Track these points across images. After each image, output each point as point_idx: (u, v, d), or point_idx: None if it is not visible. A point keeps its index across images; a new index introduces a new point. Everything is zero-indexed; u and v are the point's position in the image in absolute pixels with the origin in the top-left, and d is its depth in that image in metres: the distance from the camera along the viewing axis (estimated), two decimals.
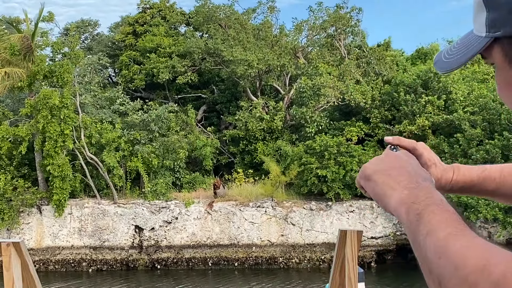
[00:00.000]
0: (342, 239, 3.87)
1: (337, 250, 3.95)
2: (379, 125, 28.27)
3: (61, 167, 24.60)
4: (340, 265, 3.93)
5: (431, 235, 0.99)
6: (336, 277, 3.95)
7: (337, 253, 3.94)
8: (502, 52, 1.12)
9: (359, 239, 3.89)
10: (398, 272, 25.10)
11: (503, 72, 1.14)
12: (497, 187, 1.53)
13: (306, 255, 25.37)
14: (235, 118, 30.43)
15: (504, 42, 1.11)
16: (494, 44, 1.12)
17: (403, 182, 1.15)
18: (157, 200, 25.89)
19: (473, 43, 1.16)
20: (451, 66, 1.20)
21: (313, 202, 25.79)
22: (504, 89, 1.16)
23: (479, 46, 1.14)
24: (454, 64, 1.19)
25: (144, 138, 27.12)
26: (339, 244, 3.91)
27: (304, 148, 26.96)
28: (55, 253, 25.11)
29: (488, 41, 1.12)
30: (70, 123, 25.22)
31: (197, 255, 25.36)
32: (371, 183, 1.22)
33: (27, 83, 25.57)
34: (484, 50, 1.14)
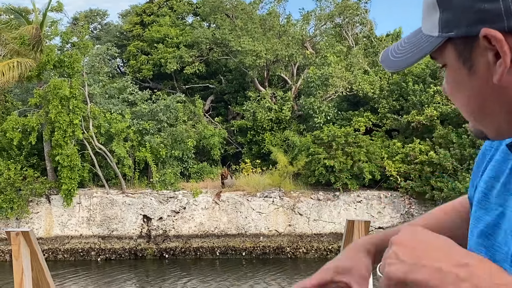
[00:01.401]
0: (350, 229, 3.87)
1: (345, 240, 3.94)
2: (387, 115, 28.17)
3: (70, 157, 24.69)
4: None
5: None
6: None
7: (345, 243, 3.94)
8: (456, 52, 1.10)
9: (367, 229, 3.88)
10: None
11: (456, 73, 1.12)
12: None
13: (313, 245, 25.40)
14: (242, 108, 30.41)
15: (457, 42, 1.09)
16: (447, 44, 1.10)
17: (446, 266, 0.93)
18: (165, 190, 25.97)
19: (424, 43, 1.13)
20: (400, 66, 1.17)
21: (320, 192, 25.79)
22: (455, 90, 1.14)
23: (431, 46, 1.11)
24: (403, 64, 1.16)
25: (152, 128, 27.15)
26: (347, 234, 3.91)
27: (311, 139, 26.93)
28: (64, 242, 25.28)
29: (440, 41, 1.10)
30: (79, 113, 25.28)
31: (204, 244, 25.45)
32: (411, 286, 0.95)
33: (36, 73, 25.63)
34: (435, 51, 1.12)
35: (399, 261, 0.98)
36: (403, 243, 1.00)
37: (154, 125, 27.34)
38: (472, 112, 1.15)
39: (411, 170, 25.50)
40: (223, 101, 34.13)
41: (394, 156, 26.15)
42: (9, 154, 26.15)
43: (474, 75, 1.09)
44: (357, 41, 32.86)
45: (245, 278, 22.21)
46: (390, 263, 0.99)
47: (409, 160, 25.79)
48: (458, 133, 25.24)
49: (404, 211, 25.66)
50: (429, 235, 1.00)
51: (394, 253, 1.00)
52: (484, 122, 1.14)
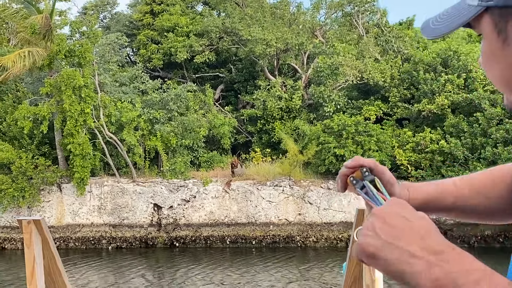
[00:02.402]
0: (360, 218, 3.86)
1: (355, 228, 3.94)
2: (398, 104, 28.06)
3: (82, 146, 24.81)
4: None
5: None
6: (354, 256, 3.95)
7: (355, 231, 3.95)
8: (492, 23, 1.12)
9: None
10: None
11: (490, 43, 1.14)
12: (455, 201, 1.46)
13: (323, 234, 25.43)
14: (253, 97, 30.39)
15: (495, 12, 1.10)
16: (485, 13, 1.12)
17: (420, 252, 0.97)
18: (175, 179, 26.05)
19: (464, 11, 1.16)
20: (439, 32, 1.20)
21: (330, 181, 25.77)
22: (488, 61, 1.16)
23: (470, 14, 1.14)
24: (442, 30, 1.19)
25: (163, 117, 27.20)
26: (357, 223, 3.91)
27: (322, 127, 26.88)
28: (75, 231, 25.47)
29: (479, 10, 1.12)
30: (90, 102, 25.37)
31: (215, 233, 25.55)
32: (380, 262, 1.00)
33: (47, 62, 25.72)
34: (474, 19, 1.14)
35: (375, 235, 1.01)
36: (384, 217, 1.02)
37: (165, 114, 27.39)
38: (506, 84, 1.16)
39: (422, 159, 25.41)
40: (233, 90, 34.11)
41: (404, 145, 26.07)
42: (21, 143, 26.32)
43: (508, 47, 1.11)
44: (368, 29, 32.66)
45: (255, 266, 22.29)
46: (366, 234, 1.02)
47: (420, 149, 25.70)
48: (469, 122, 25.08)
49: None
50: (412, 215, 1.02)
51: (372, 225, 1.03)
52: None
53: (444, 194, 1.47)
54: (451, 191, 1.47)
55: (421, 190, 1.47)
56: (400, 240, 0.99)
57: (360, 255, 1.03)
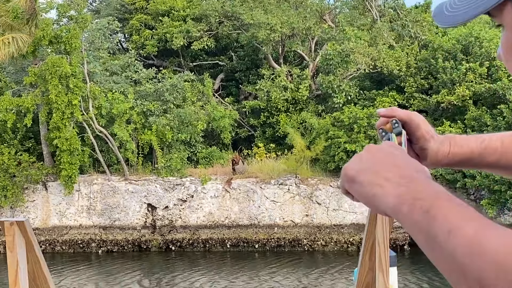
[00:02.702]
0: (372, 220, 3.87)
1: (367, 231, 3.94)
2: (414, 95, 28.01)
3: (69, 141, 24.84)
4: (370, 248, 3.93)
5: (455, 234, 0.94)
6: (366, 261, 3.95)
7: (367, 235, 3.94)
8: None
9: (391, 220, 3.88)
10: None
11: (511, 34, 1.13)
12: (499, 158, 1.50)
13: (332, 237, 25.44)
14: (255, 87, 30.36)
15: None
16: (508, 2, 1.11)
17: (393, 178, 1.08)
18: (171, 177, 26.08)
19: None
20: (456, 21, 1.17)
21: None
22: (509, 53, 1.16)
23: (491, 2, 1.11)
24: (460, 19, 1.16)
25: (157, 109, 27.21)
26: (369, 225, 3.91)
27: (331, 120, 26.86)
28: (62, 233, 25.53)
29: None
30: (78, 92, 25.37)
31: (214, 236, 25.59)
32: (356, 186, 1.14)
33: (31, 50, 25.72)
34: (495, 8, 1.12)
35: (358, 161, 1.16)
36: (372, 150, 1.17)
37: (160, 106, 27.39)
38: None
39: None
40: (234, 80, 34.06)
41: None
42: (3, 138, 26.32)
43: None
44: (383, 13, 32.58)
45: (258, 272, 22.33)
46: (352, 160, 1.18)
47: None
48: (492, 114, 25.03)
49: None
50: (399, 152, 1.17)
51: (360, 154, 1.18)
52: None
53: (487, 152, 1.51)
54: (494, 148, 1.51)
55: (463, 146, 1.52)
56: (379, 166, 1.12)
57: (342, 179, 1.18)
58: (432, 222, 0.98)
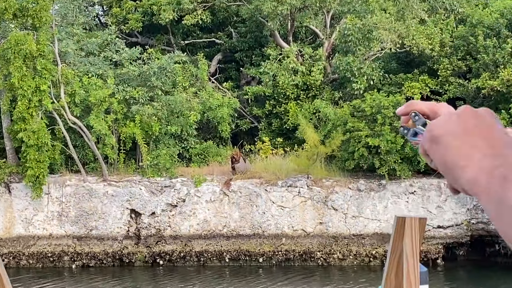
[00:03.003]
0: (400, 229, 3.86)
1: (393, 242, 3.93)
2: (449, 79, 27.93)
3: (37, 134, 24.84)
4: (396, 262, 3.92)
5: None
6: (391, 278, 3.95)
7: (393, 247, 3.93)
8: None
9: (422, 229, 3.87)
10: (473, 272, 25.06)
11: None
12: None
13: (351, 249, 25.43)
14: (259, 70, 30.33)
15: None
16: None
17: (482, 149, 1.16)
18: (158, 177, 26.08)
19: None
20: None
21: (361, 181, 25.74)
22: None
23: None
24: None
25: (143, 96, 27.21)
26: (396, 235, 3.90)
27: (350, 110, 26.80)
28: (28, 244, 25.57)
29: None
30: (47, 76, 25.36)
31: (210, 248, 25.60)
32: (440, 148, 1.21)
33: None
34: None
35: (449, 121, 1.23)
36: (466, 114, 1.24)
37: (145, 92, 27.39)
38: None
39: None
40: (233, 61, 34.03)
41: None
42: None
43: None
44: None
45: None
46: (442, 118, 1.26)
47: None
48: None
49: (471, 205, 25.57)
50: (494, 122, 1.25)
51: (451, 113, 1.26)
52: None
53: None
54: None
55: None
56: (470, 133, 1.19)
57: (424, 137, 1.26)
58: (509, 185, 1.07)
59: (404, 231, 3.89)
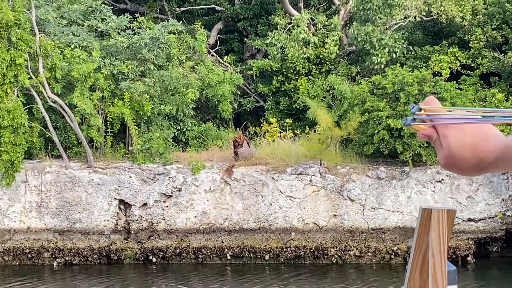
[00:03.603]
0: (425, 223, 3.83)
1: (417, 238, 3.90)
2: (483, 52, 27.86)
3: (12, 114, 24.87)
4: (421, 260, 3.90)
5: None
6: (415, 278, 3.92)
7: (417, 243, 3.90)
8: None
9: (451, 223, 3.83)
10: (507, 270, 25.09)
11: None
12: None
13: (370, 245, 25.46)
14: (265, 42, 30.29)
15: None
16: None
17: None
18: (150, 164, 26.10)
19: None
20: None
21: (381, 168, 25.73)
22: None
23: None
24: None
25: (133, 71, 27.19)
26: (421, 230, 3.87)
27: (369, 87, 26.76)
28: (3, 239, 25.65)
29: None
30: (24, 48, 25.35)
31: (209, 243, 25.66)
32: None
33: None
34: None
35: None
36: None
37: (135, 66, 27.37)
38: None
39: None
40: (236, 31, 33.98)
41: None
42: None
43: None
44: None
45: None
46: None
47: None
48: None
49: (507, 195, 25.55)
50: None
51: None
52: None
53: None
54: None
55: None
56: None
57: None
58: None
59: (431, 225, 3.86)
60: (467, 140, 1.81)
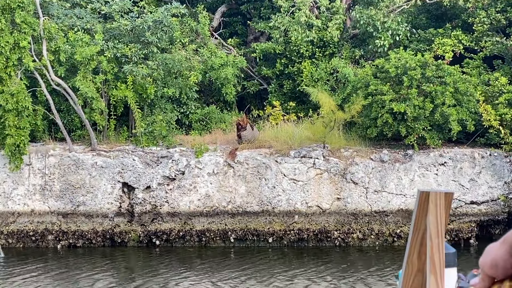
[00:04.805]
0: (423, 205, 3.85)
1: (415, 221, 3.93)
2: (487, 34, 27.78)
3: (16, 97, 24.89)
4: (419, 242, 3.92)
5: None
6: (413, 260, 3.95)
7: (415, 226, 3.93)
8: None
9: (448, 205, 3.86)
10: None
11: None
12: None
13: (373, 228, 25.52)
14: (269, 24, 30.22)
15: None
16: None
17: None
18: (154, 147, 26.14)
19: None
20: None
21: (385, 151, 25.74)
22: None
23: None
24: None
25: (136, 54, 27.19)
26: (419, 212, 3.89)
27: (372, 70, 26.72)
28: (7, 222, 25.74)
29: None
30: (28, 31, 25.33)
31: (213, 226, 25.72)
32: None
33: None
34: None
35: None
36: None
37: (138, 49, 27.36)
38: None
39: None
40: (239, 15, 33.91)
41: (496, 98, 25.89)
42: None
43: None
44: None
45: (272, 274, 22.48)
46: None
47: None
48: None
49: (509, 178, 25.57)
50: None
51: None
52: None
53: None
54: None
55: None
56: None
57: None
58: None
59: (428, 208, 3.89)
60: None
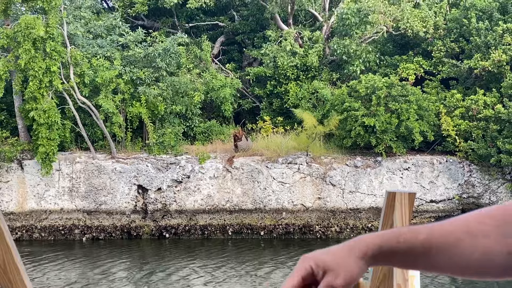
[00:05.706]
0: (390, 204, 3.86)
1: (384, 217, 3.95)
2: (443, 60, 27.89)
3: (47, 113, 24.86)
4: None
5: None
6: None
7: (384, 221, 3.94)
8: None
9: (411, 204, 3.87)
10: None
11: None
12: None
13: (348, 223, 25.52)
14: (260, 52, 30.25)
15: None
16: None
17: None
18: (164, 155, 26.12)
19: None
20: None
21: (358, 158, 25.77)
22: None
23: None
24: None
25: (148, 77, 27.20)
26: (386, 210, 3.91)
27: (347, 90, 26.78)
28: (40, 218, 25.67)
29: None
30: (57, 58, 25.32)
31: (214, 222, 25.70)
32: None
33: (2, 8, 25.62)
34: None
35: None
36: None
37: (151, 73, 27.35)
38: None
39: (473, 128, 25.31)
40: (236, 43, 33.93)
41: (452, 111, 25.97)
42: None
43: None
44: None
45: (264, 262, 22.45)
46: None
47: (471, 115, 25.59)
48: None
49: (463, 181, 25.60)
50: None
51: None
52: None
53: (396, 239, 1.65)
54: None
55: None
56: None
57: None
58: None
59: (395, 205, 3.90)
60: None
